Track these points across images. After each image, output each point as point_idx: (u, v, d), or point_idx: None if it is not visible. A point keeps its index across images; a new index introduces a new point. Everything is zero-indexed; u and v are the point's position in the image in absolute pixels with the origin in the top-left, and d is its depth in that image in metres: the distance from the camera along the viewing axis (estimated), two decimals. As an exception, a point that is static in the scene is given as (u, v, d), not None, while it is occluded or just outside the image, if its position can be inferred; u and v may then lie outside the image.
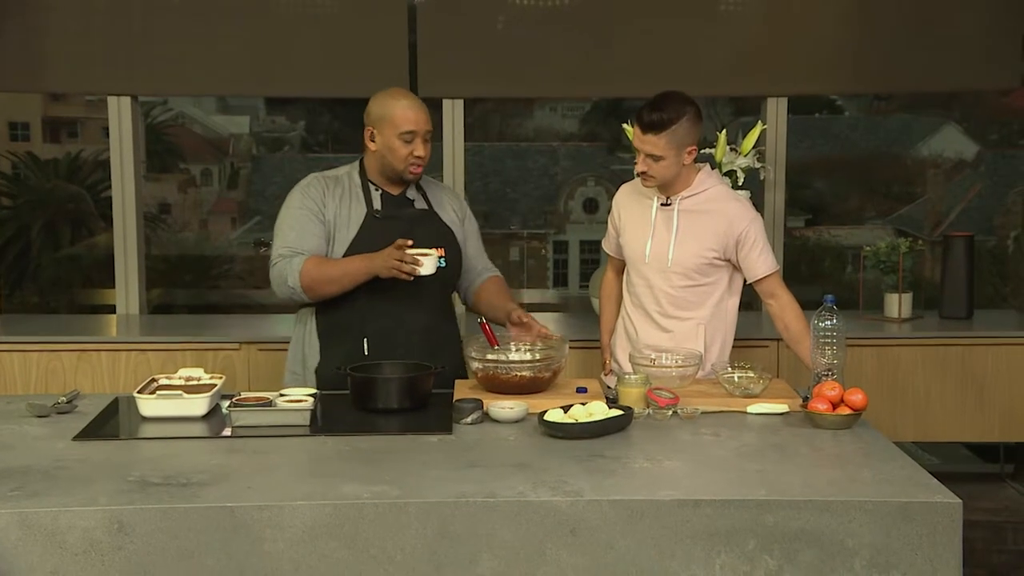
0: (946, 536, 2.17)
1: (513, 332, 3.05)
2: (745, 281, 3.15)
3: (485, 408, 2.72)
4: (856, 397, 2.67)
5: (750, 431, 2.66)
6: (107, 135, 4.49)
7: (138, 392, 2.76)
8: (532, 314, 3.12)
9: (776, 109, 4.46)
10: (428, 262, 2.94)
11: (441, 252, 3.11)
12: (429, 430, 2.64)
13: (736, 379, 2.89)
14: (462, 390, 2.90)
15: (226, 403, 2.77)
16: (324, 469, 2.39)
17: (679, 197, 3.08)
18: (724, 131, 3.87)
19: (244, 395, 2.78)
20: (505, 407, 2.71)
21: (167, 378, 2.91)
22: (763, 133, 4.12)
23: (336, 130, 11.48)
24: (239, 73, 4.46)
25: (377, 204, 3.11)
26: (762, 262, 3.08)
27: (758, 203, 4.41)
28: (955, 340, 3.98)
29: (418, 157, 3.06)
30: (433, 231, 3.14)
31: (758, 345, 3.89)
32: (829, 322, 2.82)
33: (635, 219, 3.15)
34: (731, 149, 3.90)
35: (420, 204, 3.18)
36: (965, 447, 4.81)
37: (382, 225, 3.08)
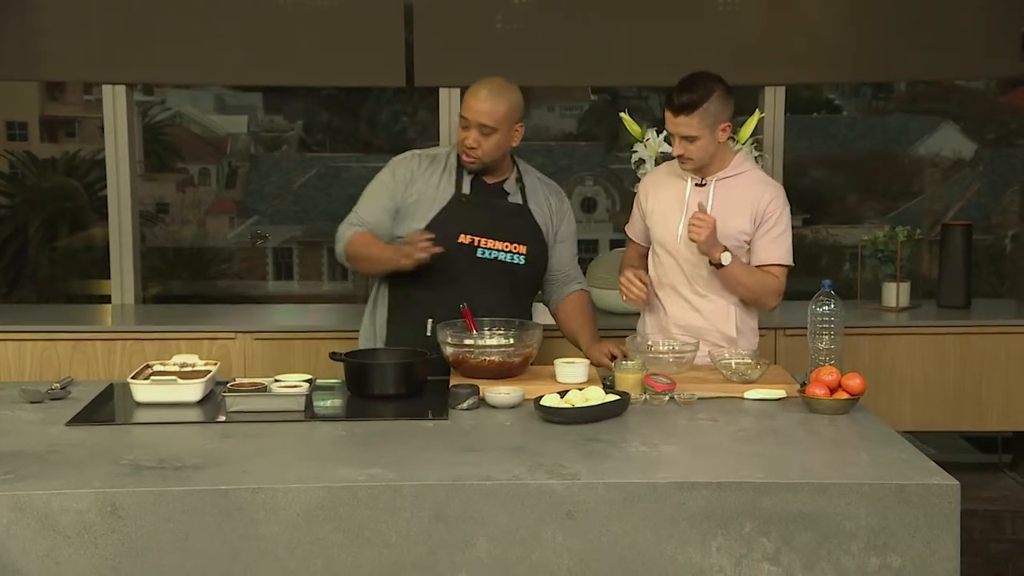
0: (944, 518, 2.17)
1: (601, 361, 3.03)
2: None
3: (481, 394, 2.71)
4: (854, 382, 2.66)
5: (747, 416, 2.66)
6: (104, 133, 4.48)
7: (132, 378, 2.75)
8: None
9: (774, 98, 4.44)
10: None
11: (521, 250, 3.11)
12: (425, 415, 2.63)
13: (733, 365, 2.88)
14: (460, 377, 2.89)
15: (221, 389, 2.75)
16: (319, 453, 2.38)
17: (715, 177, 3.05)
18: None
19: (239, 381, 2.77)
20: (501, 392, 2.70)
21: (161, 364, 2.90)
22: (761, 122, 4.10)
23: (334, 129, 11.48)
24: (234, 62, 4.43)
25: (466, 188, 3.10)
26: (772, 248, 3.02)
27: (755, 193, 4.40)
28: (953, 329, 3.96)
29: (467, 147, 3.03)
30: (520, 226, 3.11)
31: (755, 334, 3.88)
32: (827, 307, 2.81)
33: (667, 200, 3.10)
34: (729, 138, 3.88)
35: (516, 199, 3.15)
36: (963, 439, 4.80)
37: (465, 209, 3.07)
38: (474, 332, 2.99)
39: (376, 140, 10.86)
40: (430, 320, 3.06)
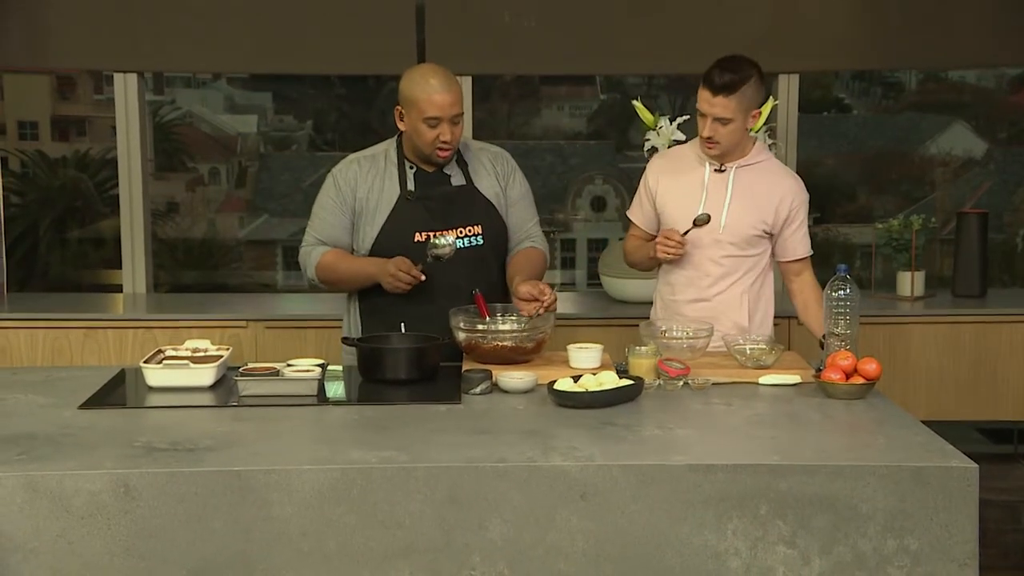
0: (962, 501, 2.15)
1: (519, 306, 2.95)
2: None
3: (494, 379, 2.70)
4: (869, 367, 2.64)
5: (762, 401, 2.64)
6: (115, 133, 4.48)
7: (144, 362, 2.75)
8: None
9: (788, 85, 4.41)
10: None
11: (476, 230, 3.05)
12: (437, 400, 2.62)
13: (748, 350, 2.86)
14: (472, 362, 2.88)
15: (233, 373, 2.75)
16: (332, 436, 2.38)
17: (735, 165, 3.03)
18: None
19: (251, 365, 2.77)
20: (514, 377, 2.69)
21: (174, 349, 2.89)
22: (774, 109, 4.08)
23: (344, 128, 11.48)
24: (244, 50, 4.43)
25: (411, 184, 3.05)
26: (804, 243, 3.11)
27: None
28: (968, 318, 3.94)
29: (444, 142, 2.98)
30: (470, 208, 3.06)
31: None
32: (842, 292, 2.79)
33: (681, 185, 3.07)
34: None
35: (458, 180, 3.09)
36: (977, 431, 4.76)
37: (414, 206, 3.02)
38: (487, 318, 2.97)
39: (387, 139, 10.86)
40: (402, 324, 2.96)
